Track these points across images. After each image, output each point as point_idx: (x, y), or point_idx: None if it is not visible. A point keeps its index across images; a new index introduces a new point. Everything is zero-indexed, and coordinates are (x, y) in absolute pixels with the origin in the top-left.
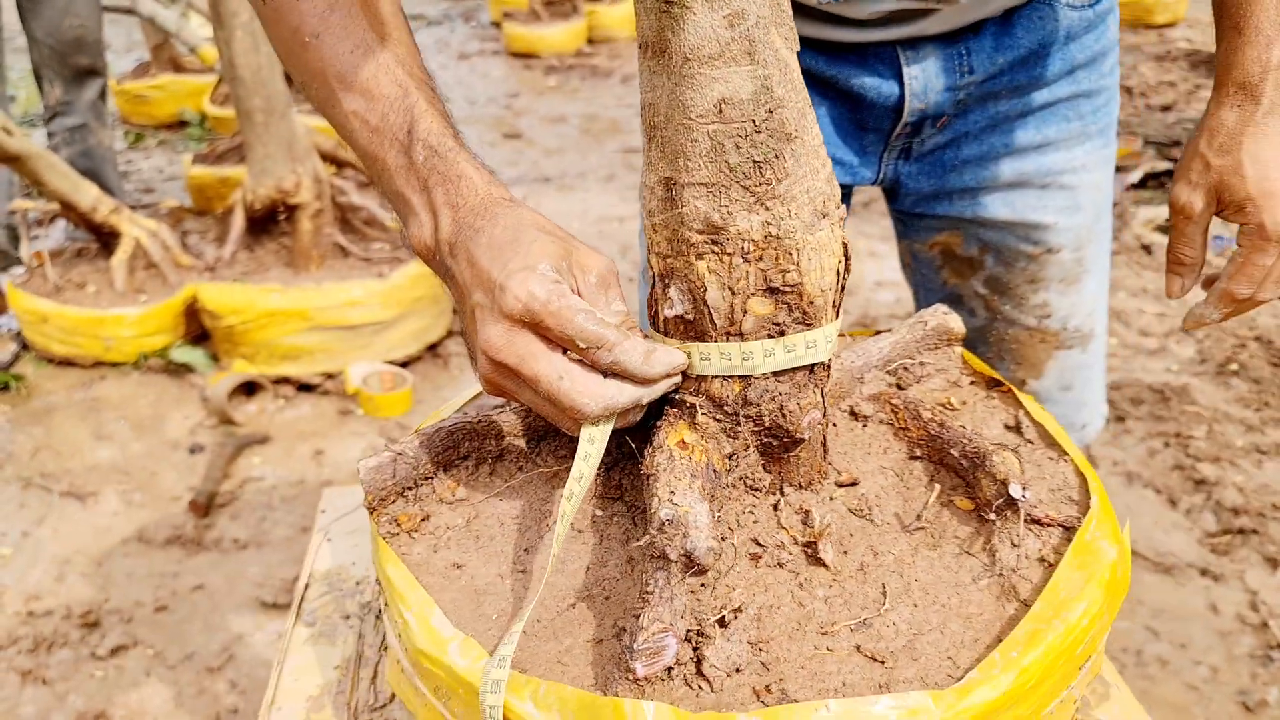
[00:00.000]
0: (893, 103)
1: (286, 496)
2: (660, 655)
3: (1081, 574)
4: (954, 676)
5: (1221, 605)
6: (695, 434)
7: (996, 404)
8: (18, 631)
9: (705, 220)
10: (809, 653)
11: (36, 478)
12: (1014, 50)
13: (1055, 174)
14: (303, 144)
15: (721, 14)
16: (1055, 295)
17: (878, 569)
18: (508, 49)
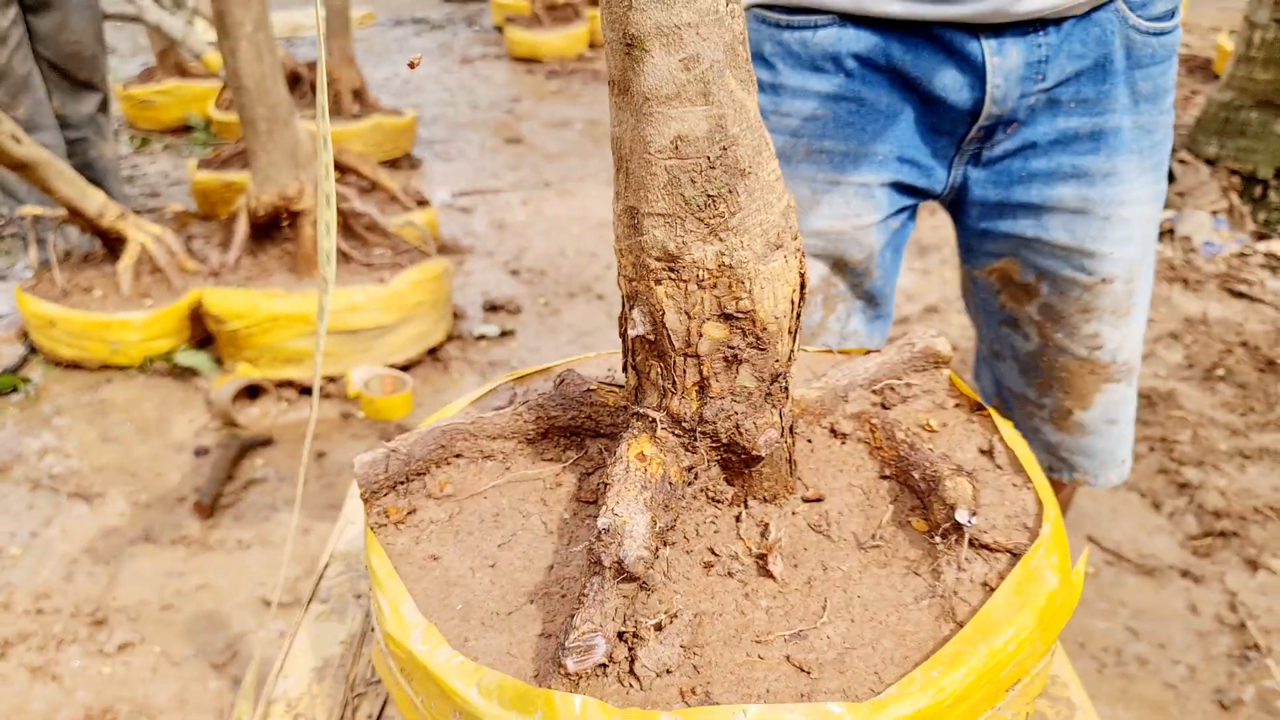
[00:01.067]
0: (970, 106)
1: (289, 498)
2: (590, 653)
3: (1018, 599)
4: (875, 691)
5: (1201, 606)
6: (655, 447)
7: (975, 428)
8: (28, 629)
9: (663, 248)
10: (740, 659)
11: (45, 479)
12: (1082, 59)
13: (1117, 205)
14: (305, 151)
15: (678, 58)
16: (1107, 327)
17: (824, 583)
18: (510, 53)
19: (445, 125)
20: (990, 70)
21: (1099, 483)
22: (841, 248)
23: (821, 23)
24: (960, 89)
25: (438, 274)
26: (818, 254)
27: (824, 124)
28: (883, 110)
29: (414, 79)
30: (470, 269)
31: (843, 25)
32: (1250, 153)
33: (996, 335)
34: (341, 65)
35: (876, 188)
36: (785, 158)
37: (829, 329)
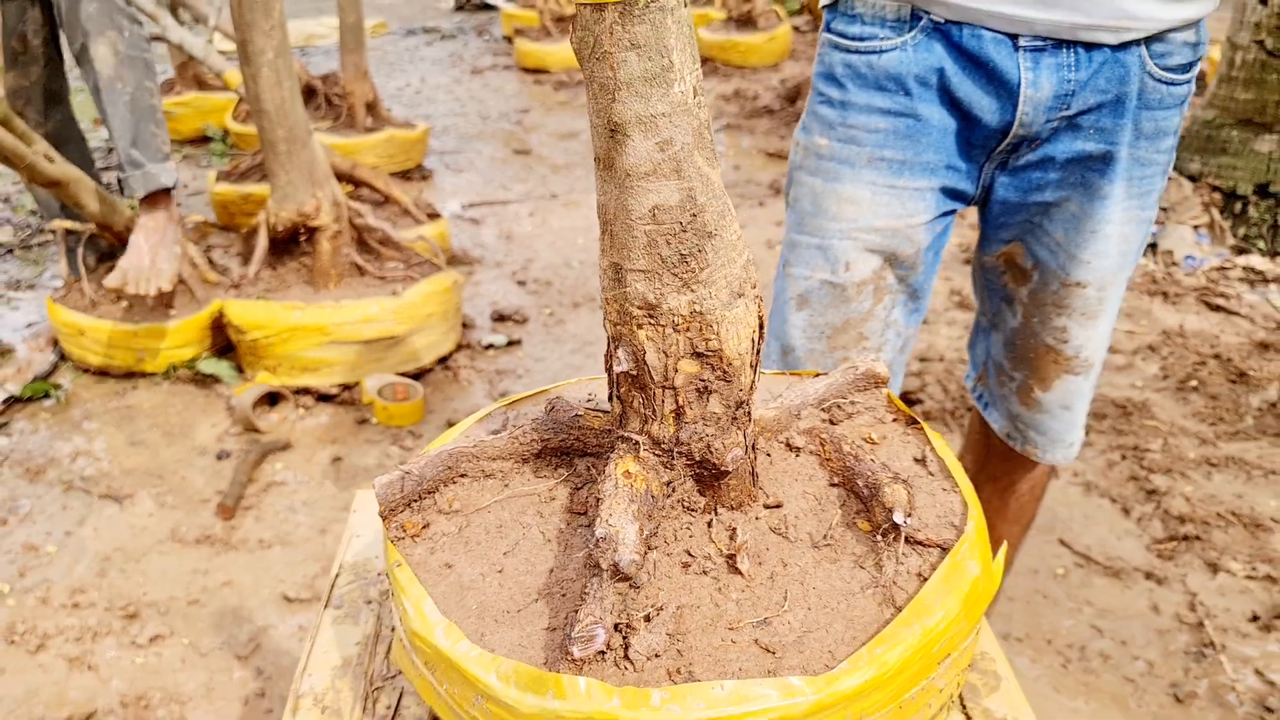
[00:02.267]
0: (1003, 126)
1: (307, 499)
2: (592, 642)
3: (946, 587)
4: (829, 666)
5: (1162, 606)
6: (639, 465)
7: (910, 439)
8: (65, 622)
9: (643, 299)
10: (717, 644)
11: (77, 481)
12: (1104, 94)
13: (1103, 222)
14: (322, 169)
15: (654, 141)
16: (1075, 325)
17: (785, 578)
18: (519, 64)
19: (456, 136)
20: (1023, 99)
21: (1045, 457)
22: (895, 244)
23: (886, 47)
24: (996, 111)
25: (448, 286)
26: (874, 249)
27: (885, 135)
28: (935, 125)
29: (426, 89)
30: (479, 280)
31: (904, 49)
32: (1231, 170)
33: (996, 310)
34: (355, 79)
35: (928, 192)
36: (849, 163)
37: (875, 316)
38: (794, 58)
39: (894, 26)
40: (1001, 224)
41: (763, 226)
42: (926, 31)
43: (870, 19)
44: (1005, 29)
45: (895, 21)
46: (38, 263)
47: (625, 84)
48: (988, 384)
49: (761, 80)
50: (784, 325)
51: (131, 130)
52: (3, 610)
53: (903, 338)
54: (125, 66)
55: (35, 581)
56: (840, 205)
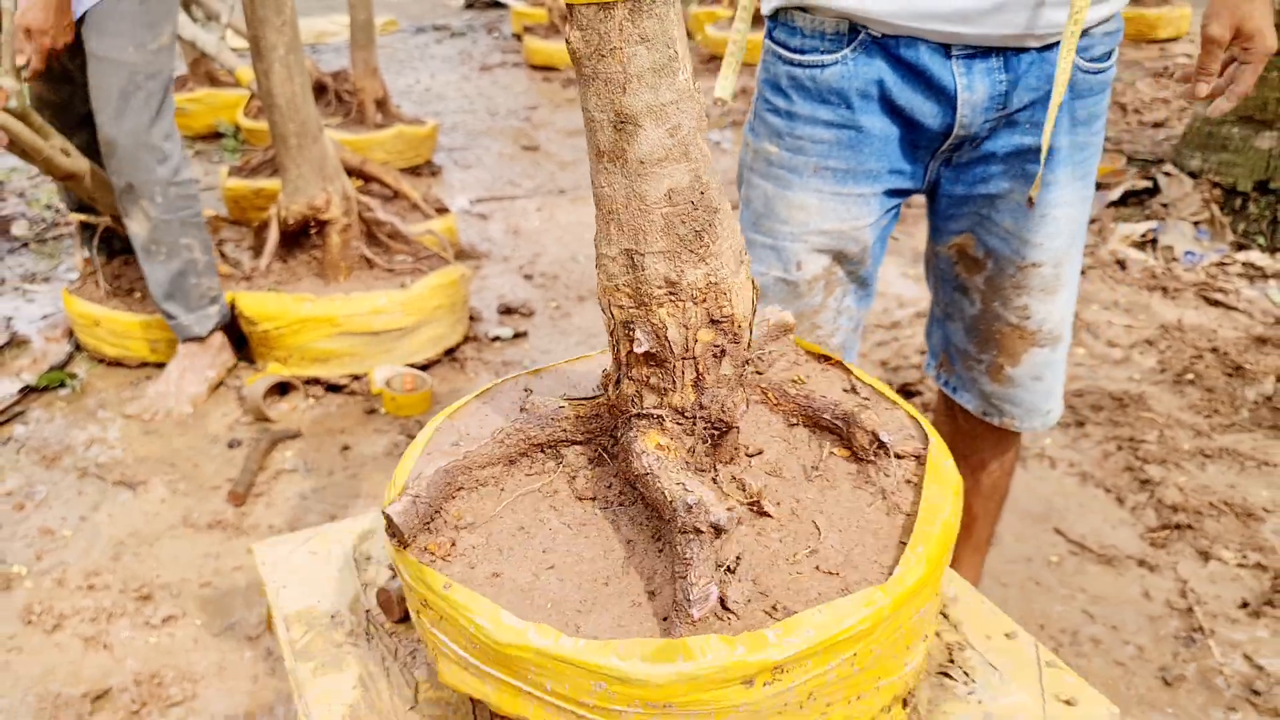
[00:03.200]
0: (943, 129)
1: (316, 487)
2: (708, 600)
3: (940, 487)
4: (885, 573)
5: (1154, 592)
6: (665, 437)
7: (832, 373)
8: (80, 604)
9: (664, 278)
10: (787, 579)
11: (92, 468)
12: (1036, 91)
13: (1051, 206)
14: (332, 164)
15: (665, 128)
16: (1036, 301)
17: (805, 511)
18: (528, 61)
19: (464, 133)
20: (960, 103)
21: (1023, 426)
22: (842, 244)
23: (828, 62)
24: (936, 116)
25: (455, 279)
26: (822, 249)
27: (829, 146)
28: (877, 135)
29: (435, 86)
30: (486, 273)
31: (844, 63)
32: (1231, 166)
33: (950, 300)
34: (366, 76)
35: (871, 197)
36: (796, 171)
37: (827, 307)
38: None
39: (833, 40)
40: (950, 216)
41: None
42: (865, 45)
43: (810, 33)
44: (938, 40)
45: (834, 35)
46: (53, 256)
47: (635, 76)
48: (953, 369)
49: None
50: None
51: (166, 288)
52: (20, 592)
53: (855, 320)
54: (160, 231)
55: (52, 564)
56: (790, 210)
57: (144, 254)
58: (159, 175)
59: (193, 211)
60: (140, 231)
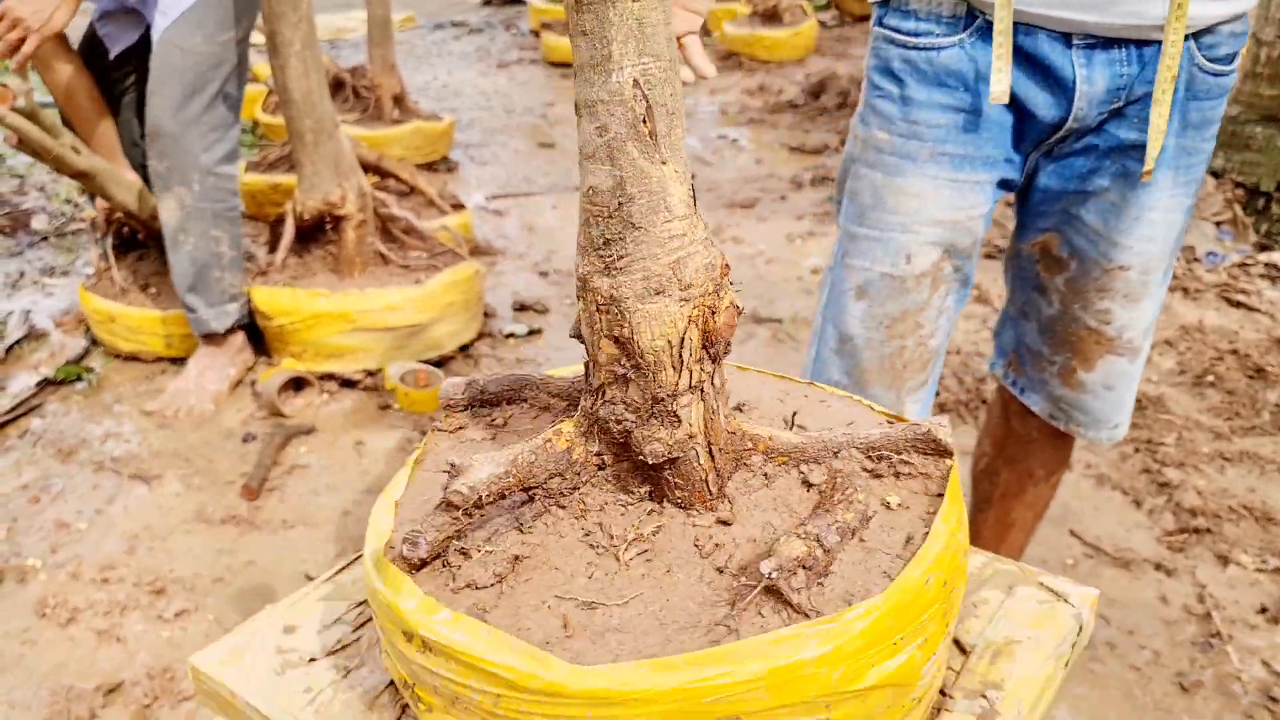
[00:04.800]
0: (1056, 121)
1: (330, 483)
2: (414, 546)
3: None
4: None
5: (1171, 597)
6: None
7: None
8: (94, 597)
9: (581, 273)
10: (533, 604)
11: (107, 462)
12: (1153, 85)
13: (1148, 209)
14: (348, 160)
15: (594, 125)
16: (1118, 306)
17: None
18: (545, 58)
19: (481, 130)
20: (1078, 95)
21: (1089, 435)
22: (954, 236)
23: (945, 44)
24: (1051, 107)
25: (470, 276)
26: (934, 241)
27: (947, 130)
28: (995, 120)
29: (453, 82)
30: (501, 270)
31: (962, 46)
32: (1255, 166)
33: (1027, 299)
34: (383, 72)
35: (987, 184)
36: (910, 158)
37: (931, 305)
38: (819, 53)
39: (949, 23)
40: (1040, 213)
41: (784, 220)
42: (982, 31)
43: (925, 15)
44: (1059, 29)
45: (951, 19)
46: (72, 250)
47: (578, 68)
48: (1022, 369)
49: (786, 75)
50: (842, 315)
51: (189, 279)
52: (35, 585)
53: (951, 322)
54: (191, 219)
55: (66, 557)
56: (901, 199)
57: (171, 242)
58: (200, 162)
59: (228, 205)
60: (171, 218)
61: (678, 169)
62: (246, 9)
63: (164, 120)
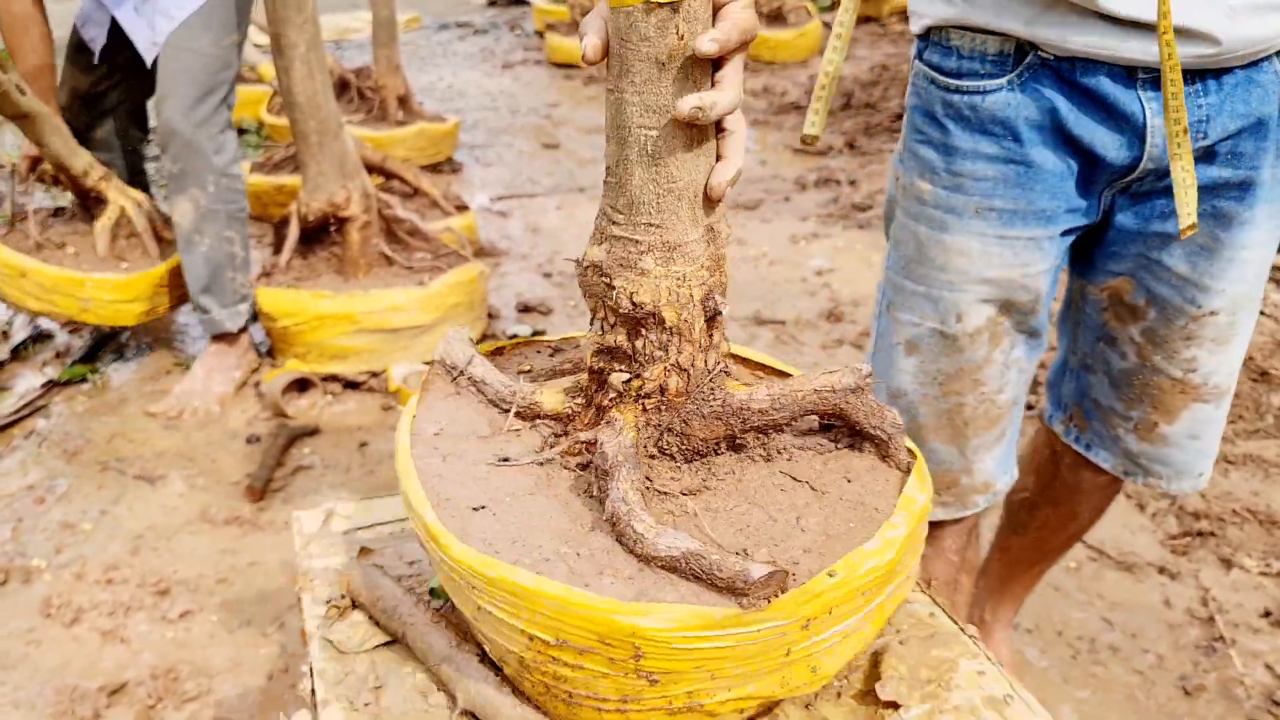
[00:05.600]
0: (1129, 162)
1: (334, 483)
2: None
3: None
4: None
5: (1174, 600)
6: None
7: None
8: (99, 597)
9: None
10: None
11: (112, 462)
12: (1245, 118)
13: (1242, 248)
14: (353, 161)
15: None
16: (1205, 353)
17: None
18: (549, 59)
19: (485, 130)
20: (1150, 130)
21: (1171, 488)
22: (1010, 293)
23: (990, 88)
24: (1119, 147)
25: (474, 277)
26: (987, 299)
27: (994, 184)
28: (1050, 171)
29: (457, 83)
30: (505, 271)
31: (1010, 89)
32: None
33: (1091, 350)
34: (388, 73)
35: (1044, 240)
36: (955, 212)
37: (993, 361)
38: (823, 54)
39: (995, 62)
40: (1114, 254)
41: (788, 221)
42: (1035, 69)
43: (969, 54)
44: (1122, 63)
45: (997, 57)
46: None
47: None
48: (1089, 425)
49: (790, 76)
50: (891, 370)
51: (204, 280)
52: (40, 585)
53: (1026, 372)
54: (205, 220)
55: (71, 558)
56: (948, 256)
57: (186, 243)
58: (215, 164)
59: (239, 206)
60: (185, 220)
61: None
62: (246, 12)
63: (178, 122)
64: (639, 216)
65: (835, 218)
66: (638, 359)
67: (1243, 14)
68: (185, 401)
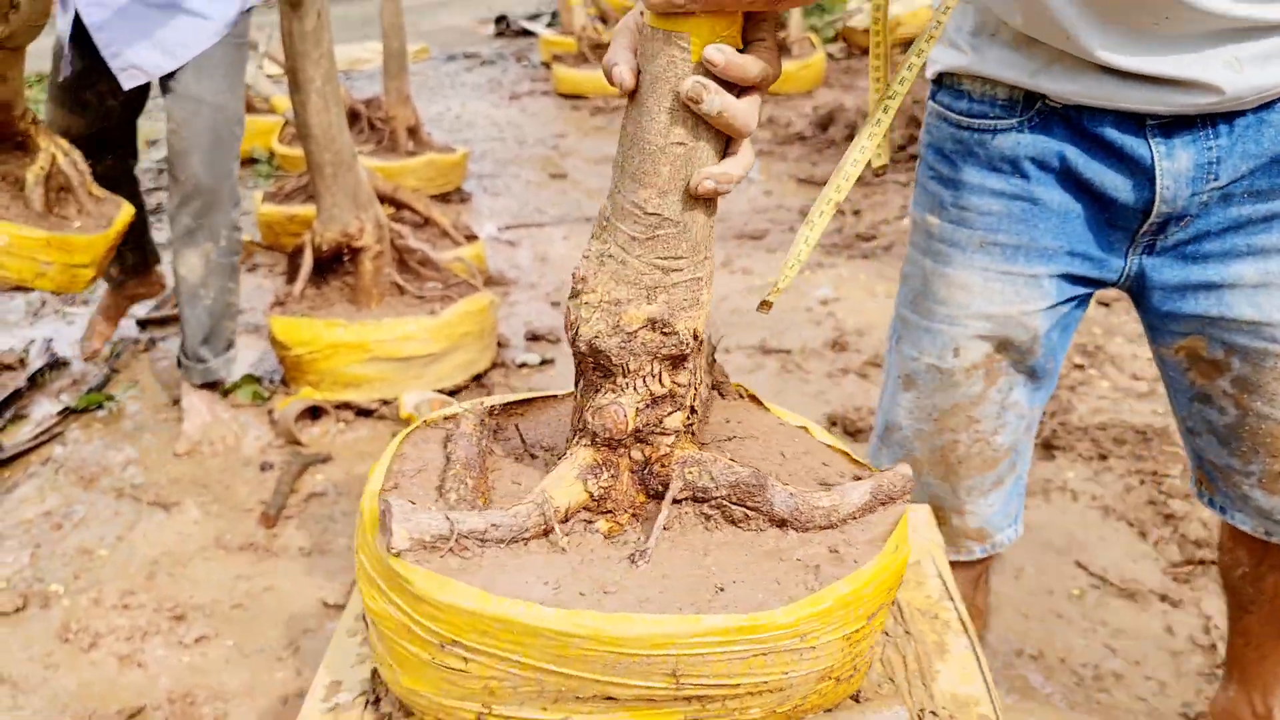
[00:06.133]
0: (1141, 205)
1: (346, 510)
2: None
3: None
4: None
5: (1177, 628)
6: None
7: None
8: (116, 622)
9: None
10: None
11: (128, 489)
12: (1257, 159)
13: None
14: (366, 192)
15: None
16: None
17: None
18: (556, 89)
19: (493, 160)
20: (1160, 173)
21: None
22: (1007, 330)
23: (1000, 127)
24: (1130, 190)
25: (484, 306)
26: (984, 335)
27: (998, 219)
28: (1054, 209)
29: (466, 114)
30: (514, 300)
31: (1020, 130)
32: None
33: (1189, 412)
34: (398, 104)
35: (1045, 279)
36: (959, 246)
37: (989, 399)
38: (827, 85)
39: (1005, 106)
40: (1168, 314)
41: None
42: (1044, 115)
43: (979, 98)
44: (1127, 111)
45: (1007, 102)
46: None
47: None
48: (1215, 487)
49: (795, 107)
50: (890, 402)
51: (205, 332)
52: (58, 610)
53: (1026, 418)
54: (213, 274)
55: (88, 583)
56: (949, 290)
57: (190, 297)
58: (230, 218)
59: (239, 255)
60: (193, 274)
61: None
62: (246, 60)
63: (204, 179)
64: (700, 254)
65: (840, 248)
66: (676, 396)
67: (1249, 64)
68: (208, 433)
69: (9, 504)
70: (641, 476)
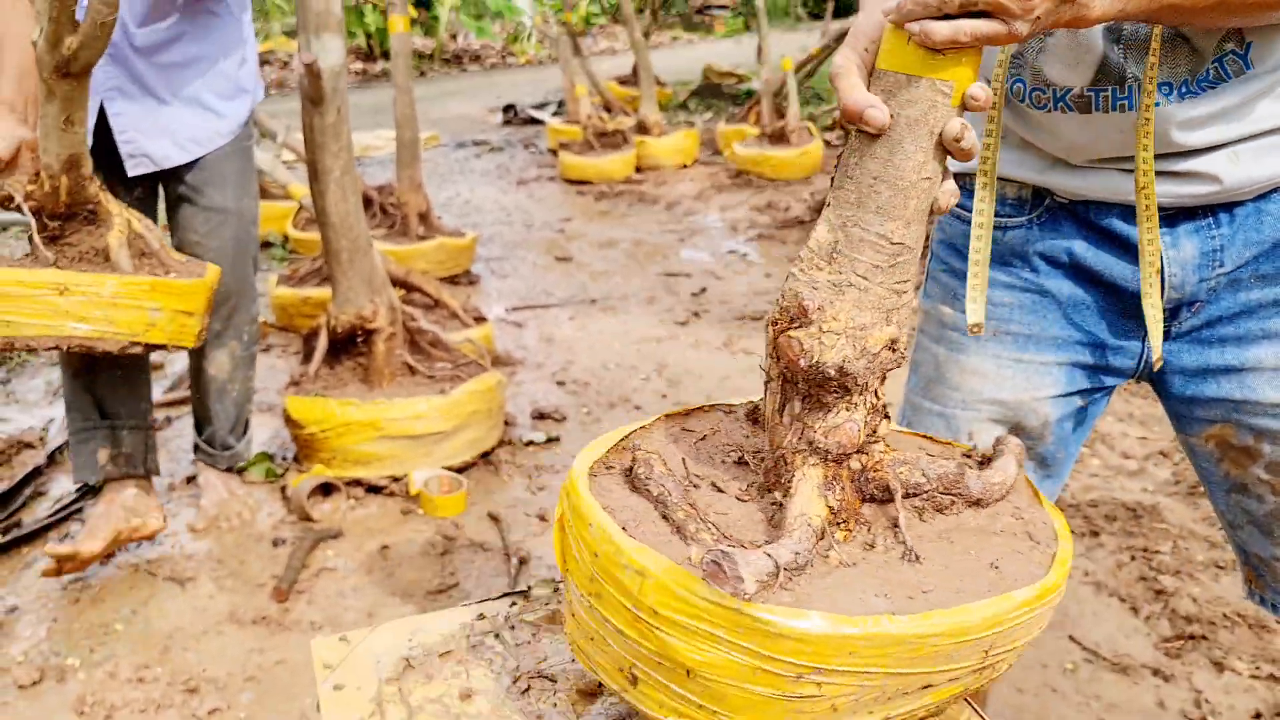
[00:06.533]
0: None
1: (356, 585)
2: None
3: None
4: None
5: (1169, 702)
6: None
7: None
8: (130, 695)
9: None
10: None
11: (143, 564)
12: (1260, 245)
13: None
14: (380, 276)
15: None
16: None
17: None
18: (563, 175)
19: (501, 244)
20: (1166, 261)
21: None
22: (1019, 416)
23: (1010, 225)
24: (1138, 279)
25: (492, 386)
26: (997, 419)
27: (1010, 310)
28: (1065, 300)
29: (475, 199)
30: (521, 379)
31: (1029, 227)
32: None
33: (1228, 505)
34: (410, 191)
35: (1055, 366)
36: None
37: None
38: (824, 171)
39: (1014, 205)
40: (1192, 399)
41: None
42: (1052, 211)
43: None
44: (1130, 204)
45: (1016, 200)
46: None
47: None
48: (1264, 584)
49: (793, 193)
50: None
51: (232, 422)
52: (74, 683)
53: None
54: (238, 368)
55: (104, 657)
56: (963, 376)
57: (219, 393)
58: (251, 313)
59: (259, 344)
60: (221, 372)
61: None
62: (254, 161)
63: (231, 285)
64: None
65: None
66: (882, 406)
67: (1246, 157)
68: (225, 509)
69: (28, 579)
70: (858, 484)
